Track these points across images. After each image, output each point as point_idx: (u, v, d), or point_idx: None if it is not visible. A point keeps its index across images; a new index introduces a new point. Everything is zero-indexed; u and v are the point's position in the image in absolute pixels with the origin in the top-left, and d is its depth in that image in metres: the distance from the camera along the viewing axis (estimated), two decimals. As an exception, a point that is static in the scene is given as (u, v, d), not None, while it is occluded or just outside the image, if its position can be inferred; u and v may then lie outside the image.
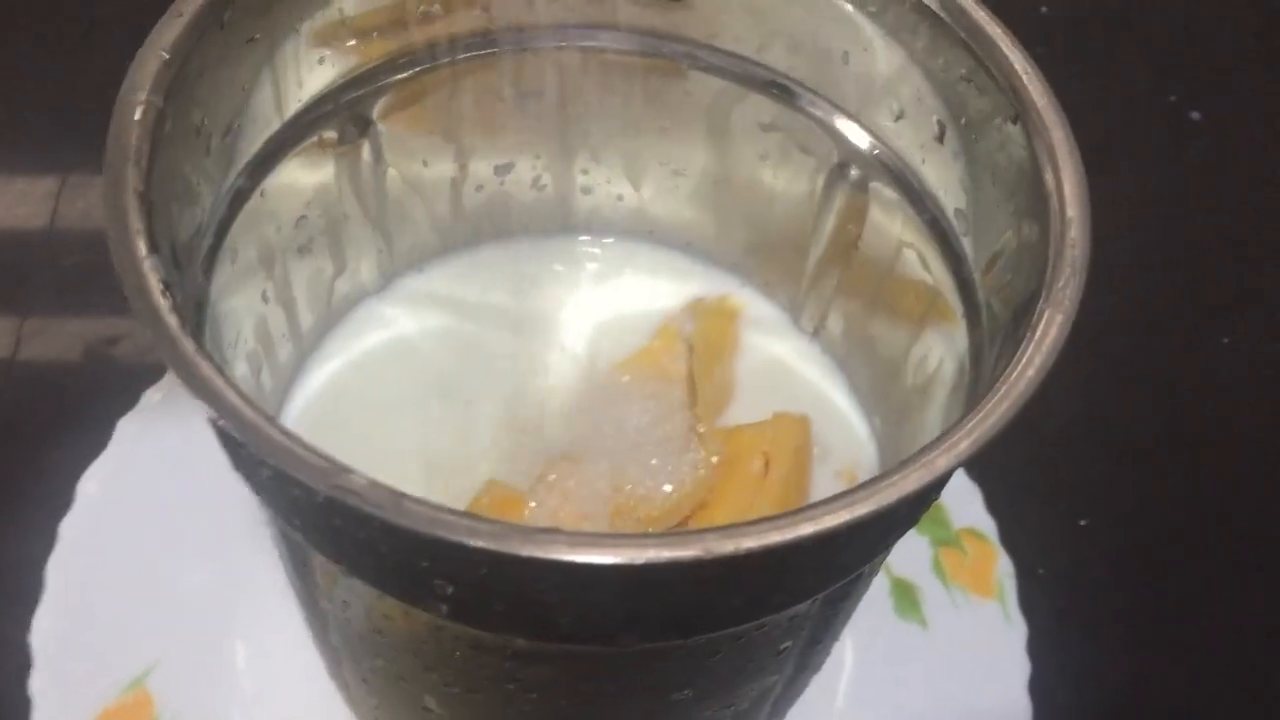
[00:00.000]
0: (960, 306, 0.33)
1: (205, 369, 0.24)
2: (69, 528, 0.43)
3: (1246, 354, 0.57)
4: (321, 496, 0.23)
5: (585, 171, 0.42)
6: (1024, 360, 0.26)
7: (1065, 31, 0.69)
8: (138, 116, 0.28)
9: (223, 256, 0.32)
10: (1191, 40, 0.70)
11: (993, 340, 0.31)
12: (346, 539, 0.26)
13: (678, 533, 0.23)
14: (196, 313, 0.31)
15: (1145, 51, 0.70)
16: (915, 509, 0.28)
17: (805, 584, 0.27)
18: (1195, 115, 0.66)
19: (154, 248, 0.26)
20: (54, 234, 0.55)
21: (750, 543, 0.23)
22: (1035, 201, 0.29)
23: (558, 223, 0.43)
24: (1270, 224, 0.63)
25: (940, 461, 0.24)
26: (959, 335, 0.33)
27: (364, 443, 0.38)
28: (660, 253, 0.43)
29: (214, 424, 0.25)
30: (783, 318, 0.43)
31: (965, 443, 0.25)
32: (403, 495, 0.23)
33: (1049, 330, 0.26)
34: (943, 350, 0.34)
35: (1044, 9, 0.70)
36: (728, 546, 0.23)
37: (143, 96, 0.28)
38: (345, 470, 0.23)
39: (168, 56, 0.29)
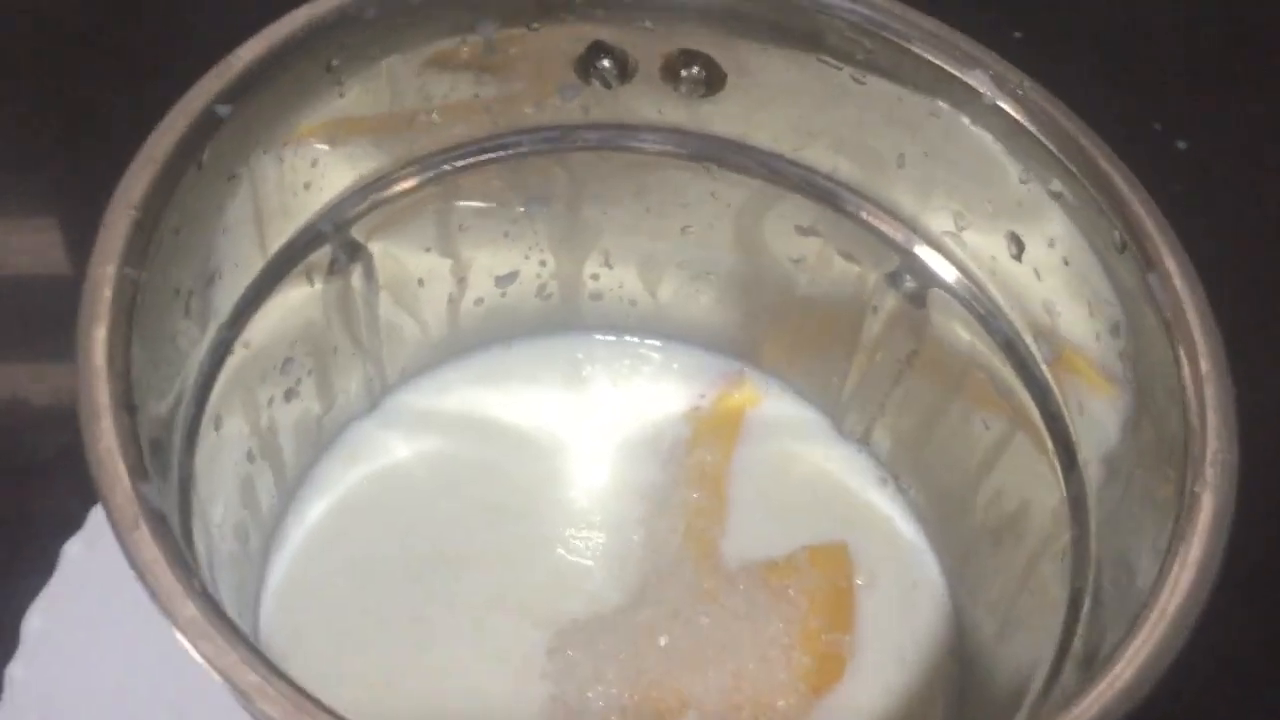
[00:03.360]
0: (1049, 443, 0.29)
1: (216, 624, 0.20)
2: (16, 670, 0.38)
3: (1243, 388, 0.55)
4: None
5: (595, 277, 0.37)
6: (1182, 556, 0.22)
7: (1041, 57, 0.66)
8: (109, 293, 0.23)
9: (205, 425, 0.28)
10: (1173, 64, 0.68)
11: (1101, 496, 0.27)
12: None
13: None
14: (181, 498, 0.26)
15: (1126, 77, 0.67)
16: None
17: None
18: (1181, 144, 0.63)
19: (144, 474, 0.21)
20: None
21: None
22: (1151, 341, 0.26)
23: (563, 330, 0.39)
24: (1263, 252, 0.60)
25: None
26: (1048, 477, 0.29)
27: (353, 606, 0.35)
28: (680, 350, 0.39)
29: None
30: (822, 422, 0.38)
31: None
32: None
33: (1197, 515, 0.23)
34: (1026, 492, 0.31)
35: (1017, 34, 0.67)
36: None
37: (113, 269, 0.23)
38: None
39: (139, 215, 0.24)
